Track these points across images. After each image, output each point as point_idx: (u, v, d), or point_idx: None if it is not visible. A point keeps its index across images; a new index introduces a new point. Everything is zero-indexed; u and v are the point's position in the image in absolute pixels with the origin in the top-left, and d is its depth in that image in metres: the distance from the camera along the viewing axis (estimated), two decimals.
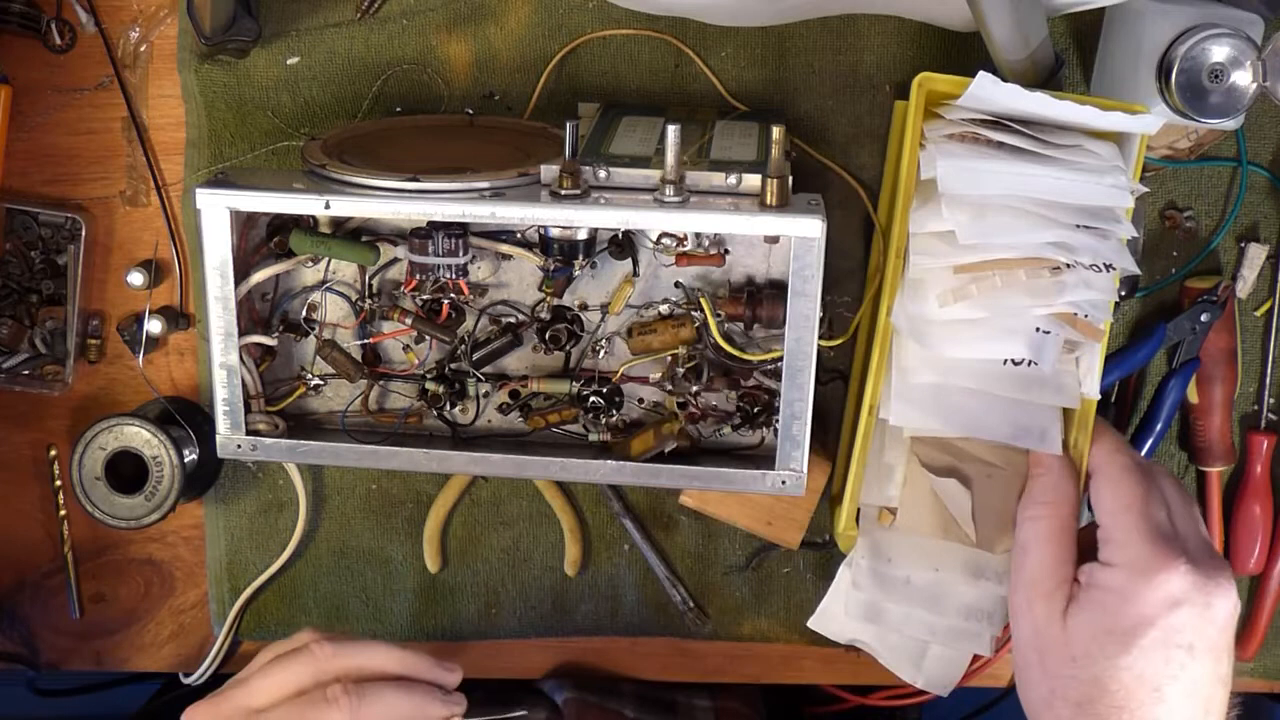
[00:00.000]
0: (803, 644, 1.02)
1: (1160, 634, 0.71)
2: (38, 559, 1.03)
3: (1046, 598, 0.75)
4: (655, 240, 0.86)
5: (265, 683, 0.75)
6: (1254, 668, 1.02)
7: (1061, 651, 0.73)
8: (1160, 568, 0.71)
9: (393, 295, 0.89)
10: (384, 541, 1.02)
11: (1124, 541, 0.73)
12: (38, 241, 0.98)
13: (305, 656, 0.75)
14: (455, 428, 0.91)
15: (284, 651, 0.77)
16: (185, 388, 1.00)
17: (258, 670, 0.77)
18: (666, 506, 1.00)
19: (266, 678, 0.75)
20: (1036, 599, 0.75)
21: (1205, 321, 0.93)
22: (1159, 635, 0.71)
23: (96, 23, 0.95)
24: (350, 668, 0.76)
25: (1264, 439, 0.97)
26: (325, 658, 0.75)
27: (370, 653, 0.77)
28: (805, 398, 0.82)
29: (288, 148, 0.96)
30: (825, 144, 0.95)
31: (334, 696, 0.73)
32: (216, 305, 0.84)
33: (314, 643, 0.76)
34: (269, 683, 0.75)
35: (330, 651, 0.75)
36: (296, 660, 0.75)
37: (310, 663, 0.75)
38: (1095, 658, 0.72)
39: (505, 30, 0.94)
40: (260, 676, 0.75)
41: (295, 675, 0.75)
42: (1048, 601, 0.75)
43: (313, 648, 0.76)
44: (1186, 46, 0.82)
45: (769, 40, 0.93)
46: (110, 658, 1.05)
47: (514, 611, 1.03)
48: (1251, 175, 0.94)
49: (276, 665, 0.76)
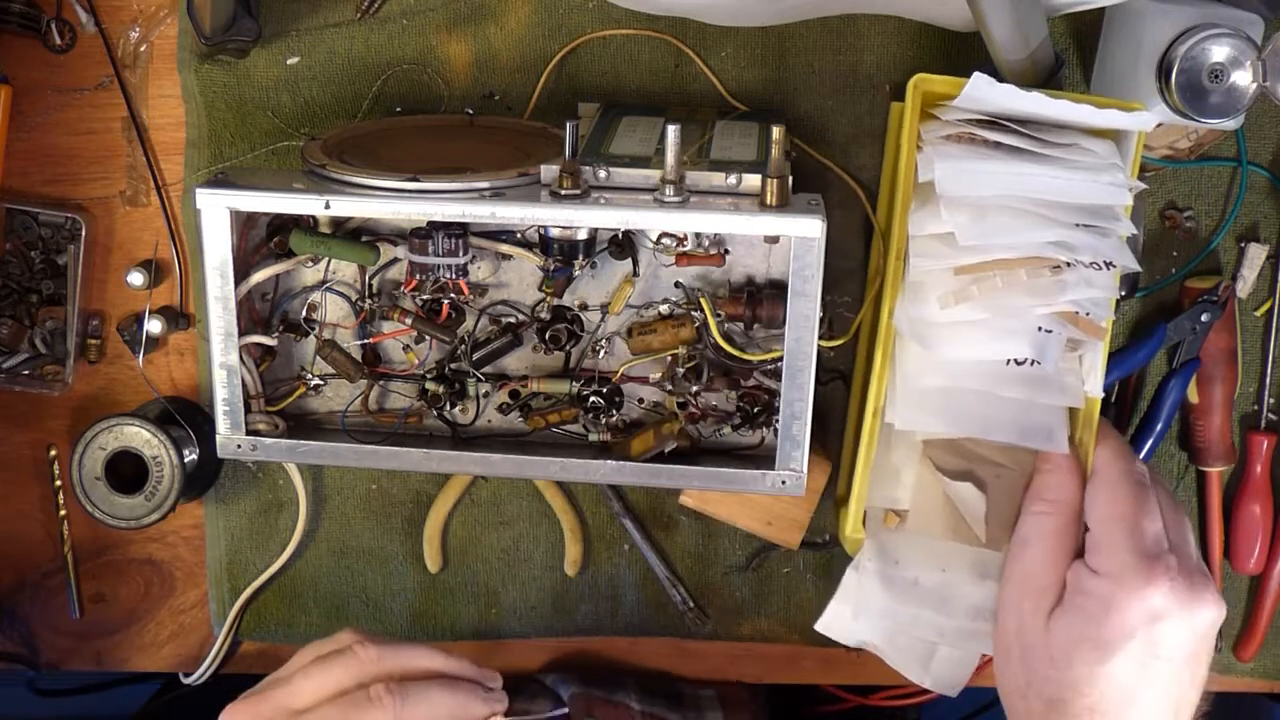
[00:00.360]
0: (803, 644, 1.02)
1: (1140, 645, 0.72)
2: (38, 559, 1.03)
3: (1036, 595, 0.75)
4: (655, 240, 0.86)
5: (308, 684, 0.75)
6: (1254, 668, 1.02)
7: (1042, 652, 0.74)
8: (1145, 582, 0.72)
9: (393, 295, 0.89)
10: (384, 541, 1.02)
11: (1112, 551, 0.73)
12: (38, 241, 0.98)
13: (349, 658, 0.75)
14: (455, 428, 0.91)
15: (326, 652, 0.77)
16: (185, 388, 1.00)
17: (299, 670, 0.76)
18: (666, 506, 1.00)
19: (309, 679, 0.75)
20: (1027, 595, 0.76)
21: (1205, 321, 0.93)
22: (1138, 647, 0.72)
23: (96, 23, 0.95)
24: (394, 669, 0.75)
25: (1264, 439, 0.97)
26: (369, 660, 0.75)
27: (413, 654, 0.77)
28: (805, 398, 0.82)
29: (288, 148, 0.96)
30: (825, 144, 0.95)
31: (377, 696, 0.73)
32: (216, 305, 0.84)
33: (358, 644, 0.76)
34: (311, 684, 0.75)
35: (375, 655, 0.75)
36: (339, 662, 0.75)
37: (354, 664, 0.75)
38: (1073, 662, 0.72)
39: (505, 30, 0.94)
40: (302, 677, 0.75)
41: (338, 676, 0.75)
42: (1036, 600, 0.75)
43: (356, 649, 0.75)
44: (1186, 46, 0.82)
45: (769, 40, 0.93)
46: (110, 658, 1.05)
47: (514, 611, 1.03)
48: (1251, 175, 0.94)
49: (319, 666, 0.75)
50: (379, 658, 0.76)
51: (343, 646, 0.77)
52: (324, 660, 0.76)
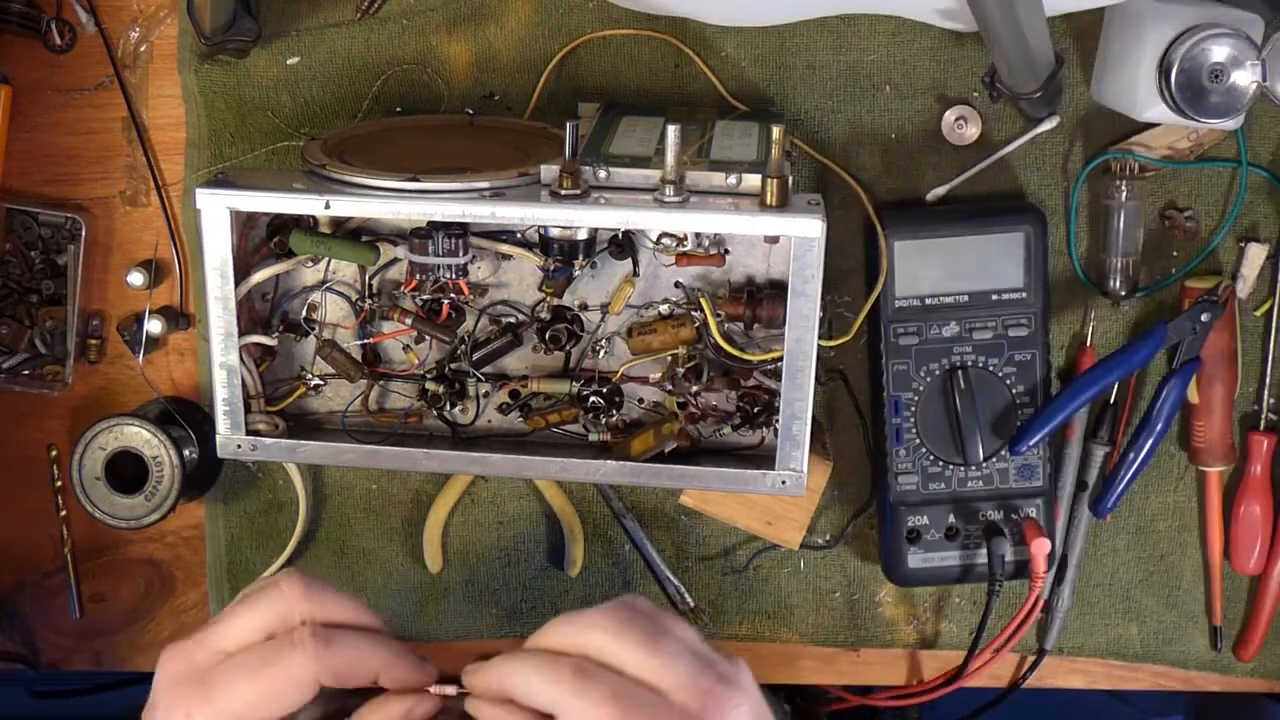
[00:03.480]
0: (802, 644, 1.02)
1: None
2: (38, 559, 1.03)
3: None
4: (655, 240, 0.86)
5: (234, 624, 0.72)
6: (1254, 668, 1.02)
7: None
8: None
9: (393, 295, 0.89)
10: (384, 541, 1.02)
11: None
12: (38, 241, 0.98)
13: (273, 594, 0.72)
14: (455, 428, 0.91)
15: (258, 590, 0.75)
16: (185, 388, 1.00)
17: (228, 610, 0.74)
18: (666, 506, 1.00)
19: (235, 618, 0.72)
20: None
21: (1205, 321, 0.93)
22: None
23: (96, 23, 0.95)
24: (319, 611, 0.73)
25: (1264, 439, 0.97)
26: (294, 597, 0.72)
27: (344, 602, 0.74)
28: (805, 398, 0.82)
29: (288, 148, 0.96)
30: (825, 144, 0.95)
31: (301, 639, 0.70)
32: (216, 305, 0.84)
33: (284, 579, 0.73)
34: (237, 624, 0.72)
35: (300, 591, 0.72)
36: (264, 598, 0.72)
37: (278, 600, 0.71)
38: None
39: (505, 30, 0.94)
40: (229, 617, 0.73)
41: (262, 615, 0.72)
42: None
43: (281, 584, 0.73)
44: (1186, 46, 0.82)
45: (769, 40, 0.94)
46: (110, 658, 1.05)
47: (514, 611, 1.03)
48: (1251, 175, 0.94)
49: (246, 605, 0.73)
50: (304, 595, 0.72)
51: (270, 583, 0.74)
52: (251, 599, 0.74)
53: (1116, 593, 1.01)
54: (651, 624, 0.66)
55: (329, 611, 0.72)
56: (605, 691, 0.63)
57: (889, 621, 1.01)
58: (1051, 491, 0.96)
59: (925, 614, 1.01)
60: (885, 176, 0.95)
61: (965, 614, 1.01)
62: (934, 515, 0.95)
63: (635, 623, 0.66)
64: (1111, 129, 0.94)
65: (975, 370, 0.93)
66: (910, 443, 0.94)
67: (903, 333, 0.93)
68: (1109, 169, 0.94)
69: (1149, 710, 1.27)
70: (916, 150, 0.95)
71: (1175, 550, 1.00)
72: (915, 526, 0.95)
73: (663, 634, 0.66)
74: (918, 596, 1.01)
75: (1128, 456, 0.93)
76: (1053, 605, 1.00)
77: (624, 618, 0.66)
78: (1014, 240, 0.92)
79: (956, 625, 1.01)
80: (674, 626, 0.67)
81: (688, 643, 0.66)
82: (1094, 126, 0.94)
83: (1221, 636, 1.00)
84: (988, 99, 0.93)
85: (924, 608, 1.01)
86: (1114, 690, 1.05)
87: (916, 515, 0.95)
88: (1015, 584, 0.98)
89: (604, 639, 0.65)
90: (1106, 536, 1.00)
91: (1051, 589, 1.00)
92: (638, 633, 0.65)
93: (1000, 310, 0.93)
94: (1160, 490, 0.99)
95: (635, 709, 0.63)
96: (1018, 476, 0.95)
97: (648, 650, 0.65)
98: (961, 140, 0.95)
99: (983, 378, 0.93)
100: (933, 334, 0.93)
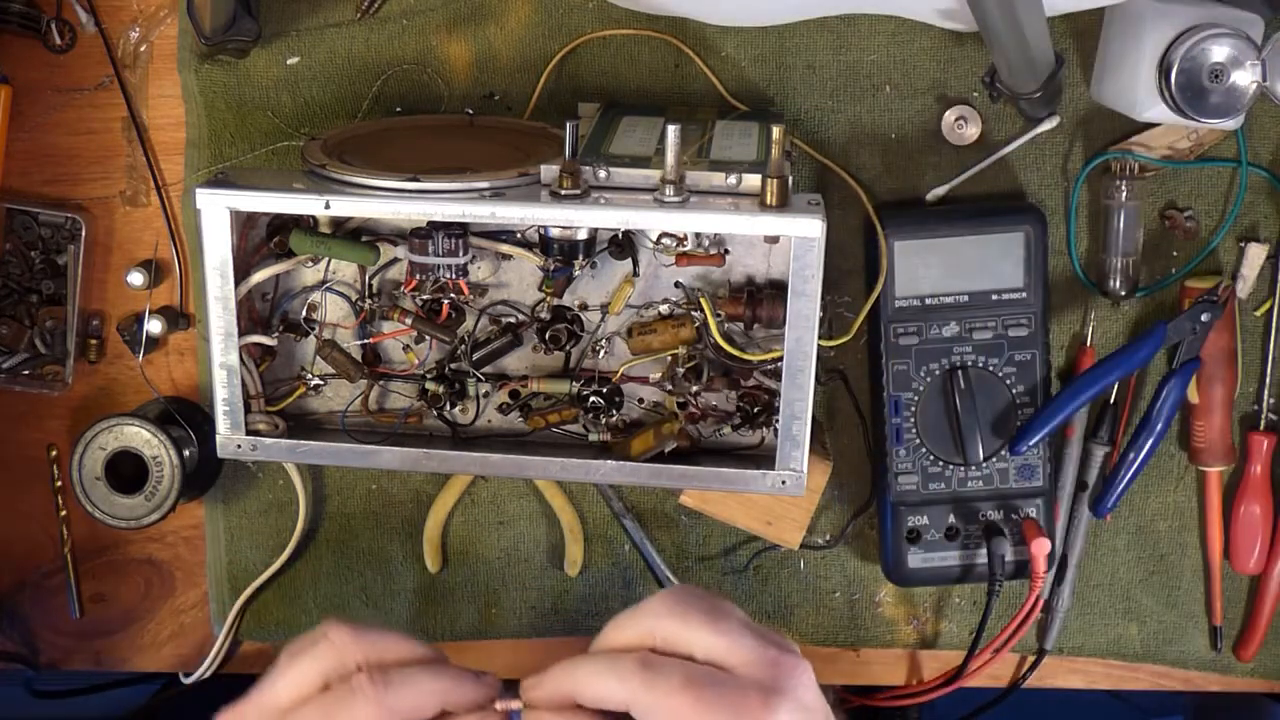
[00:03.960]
0: (802, 644, 1.02)
1: None
2: (38, 559, 1.03)
3: None
4: (655, 240, 0.86)
5: (287, 680, 0.73)
6: (1254, 668, 1.02)
7: None
8: None
9: (393, 295, 0.89)
10: (384, 541, 1.02)
11: None
12: (38, 241, 0.98)
13: (324, 645, 0.73)
14: (455, 428, 0.91)
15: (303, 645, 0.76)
16: (185, 388, 1.00)
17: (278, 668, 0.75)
18: (666, 506, 1.00)
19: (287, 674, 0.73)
20: None
21: (1205, 321, 0.93)
22: None
23: (96, 23, 0.95)
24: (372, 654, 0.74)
25: (1264, 439, 0.97)
26: (345, 644, 0.73)
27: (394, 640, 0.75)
28: (805, 398, 0.82)
29: (288, 148, 0.96)
30: (825, 144, 0.95)
31: (360, 685, 0.71)
32: (216, 305, 0.84)
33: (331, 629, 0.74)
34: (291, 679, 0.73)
35: (349, 637, 0.73)
36: (315, 651, 0.73)
37: (329, 651, 0.72)
38: None
39: (505, 30, 0.94)
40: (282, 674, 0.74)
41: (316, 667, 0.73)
42: None
43: (330, 634, 0.73)
44: (1186, 46, 0.82)
45: (769, 40, 0.94)
46: (110, 658, 1.05)
47: (514, 611, 1.03)
48: (1251, 175, 0.94)
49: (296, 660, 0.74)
50: (354, 640, 0.73)
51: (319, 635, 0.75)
52: (301, 653, 0.74)
53: (1116, 593, 1.01)
54: (710, 604, 0.67)
55: (382, 652, 0.72)
56: (677, 680, 0.63)
57: (889, 621, 1.01)
58: (1051, 491, 0.96)
59: (925, 614, 1.01)
60: (885, 176, 0.95)
61: (965, 614, 1.01)
62: (934, 515, 0.95)
63: (697, 605, 0.66)
64: (1111, 129, 0.94)
65: (975, 370, 0.93)
66: (910, 443, 0.94)
67: (903, 333, 0.93)
68: (1109, 169, 0.94)
69: (1149, 710, 1.27)
70: (916, 150, 0.95)
71: (1175, 550, 1.00)
72: (915, 526, 0.95)
73: (722, 613, 0.66)
74: (918, 596, 1.01)
75: (1128, 456, 0.93)
76: (1053, 605, 1.00)
77: (684, 601, 0.67)
78: (1014, 240, 0.92)
79: (956, 625, 1.01)
80: (728, 605, 0.68)
81: (743, 619, 0.67)
82: (1094, 126, 0.94)
83: (1221, 636, 1.00)
84: (988, 99, 0.93)
85: (924, 608, 1.01)
86: (1114, 690, 1.05)
87: (916, 515, 0.95)
88: (1015, 584, 0.98)
89: (671, 625, 0.66)
90: (1106, 536, 1.00)
91: (1051, 589, 1.00)
92: (700, 614, 0.66)
93: (1000, 310, 0.93)
94: (1160, 490, 0.99)
95: (709, 691, 0.63)
96: (1018, 476, 0.95)
97: (712, 630, 0.65)
98: (961, 140, 0.95)
99: (983, 378, 0.93)
100: (933, 334, 0.93)
